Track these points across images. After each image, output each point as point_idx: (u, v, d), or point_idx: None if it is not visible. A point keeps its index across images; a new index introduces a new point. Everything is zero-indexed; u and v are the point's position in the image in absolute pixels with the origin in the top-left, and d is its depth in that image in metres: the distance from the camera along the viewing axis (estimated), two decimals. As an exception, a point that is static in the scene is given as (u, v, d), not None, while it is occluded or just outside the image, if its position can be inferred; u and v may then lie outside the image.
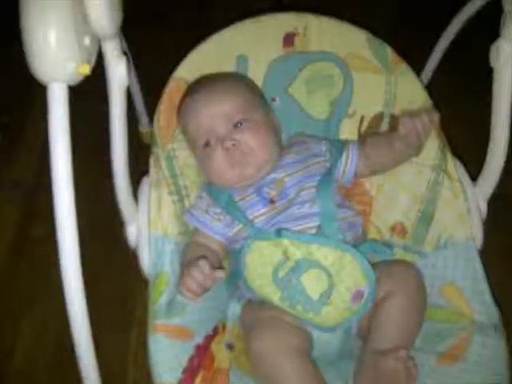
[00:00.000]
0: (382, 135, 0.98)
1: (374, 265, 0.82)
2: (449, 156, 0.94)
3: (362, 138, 1.00)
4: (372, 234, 0.99)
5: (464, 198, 0.91)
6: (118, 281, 1.18)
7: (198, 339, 0.80)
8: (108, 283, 1.17)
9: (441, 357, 0.80)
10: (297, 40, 1.00)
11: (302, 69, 1.01)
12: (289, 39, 1.00)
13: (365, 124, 1.02)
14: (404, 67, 0.98)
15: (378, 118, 1.00)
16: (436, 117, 0.85)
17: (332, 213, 0.85)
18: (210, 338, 0.82)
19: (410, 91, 0.97)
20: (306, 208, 0.86)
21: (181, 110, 0.94)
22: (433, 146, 0.94)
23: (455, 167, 0.93)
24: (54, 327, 1.11)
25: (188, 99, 0.93)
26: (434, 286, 0.87)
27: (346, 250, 0.80)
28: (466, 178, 0.94)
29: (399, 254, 0.95)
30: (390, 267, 0.86)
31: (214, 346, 0.82)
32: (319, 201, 0.86)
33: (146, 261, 0.87)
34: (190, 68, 0.97)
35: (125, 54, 0.76)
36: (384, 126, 1.00)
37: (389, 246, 0.95)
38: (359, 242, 0.87)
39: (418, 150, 0.90)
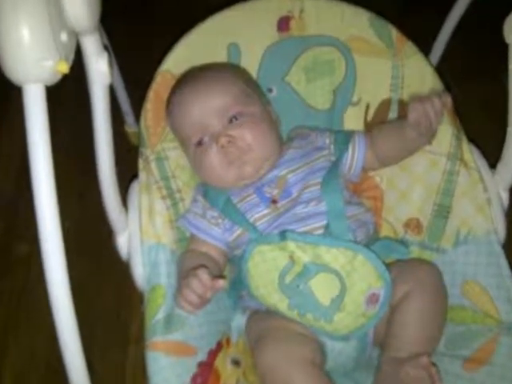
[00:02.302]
0: (391, 123, 0.98)
1: (388, 265, 0.82)
2: (464, 142, 0.94)
3: (369, 128, 1.00)
4: (385, 232, 0.99)
5: (483, 187, 0.91)
6: (111, 296, 1.19)
7: (201, 356, 0.80)
8: (99, 299, 1.17)
9: (466, 362, 0.81)
10: (292, 24, 1.00)
11: (300, 55, 1.01)
12: (284, 23, 1.00)
13: (371, 112, 1.02)
14: (411, 48, 0.98)
15: (385, 104, 1.00)
16: (448, 100, 0.85)
17: (340, 211, 0.85)
18: (213, 354, 0.82)
19: (418, 74, 0.97)
20: (312, 207, 0.86)
21: (169, 106, 0.94)
22: (446, 132, 0.94)
23: (472, 154, 0.93)
24: (43, 348, 1.11)
25: (176, 94, 0.93)
26: (455, 285, 0.87)
27: (357, 251, 0.80)
28: (484, 165, 0.94)
29: (415, 251, 0.95)
30: (407, 267, 0.86)
31: (218, 363, 0.82)
32: (325, 198, 0.86)
33: (139, 273, 0.87)
34: (177, 60, 0.97)
35: (106, 48, 0.76)
36: (392, 114, 1.00)
37: (404, 243, 0.95)
38: (371, 241, 0.87)
39: (430, 137, 0.90)
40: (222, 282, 0.78)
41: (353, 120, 1.02)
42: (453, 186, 0.93)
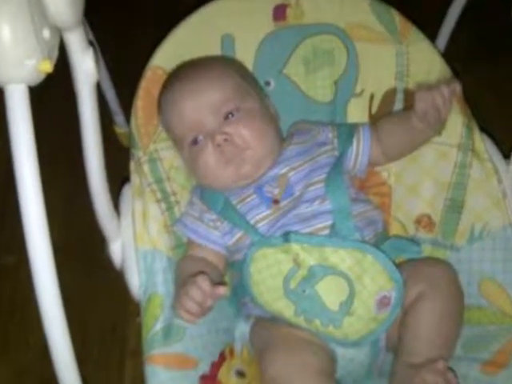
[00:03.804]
0: (397, 114, 0.98)
1: (399, 265, 0.82)
2: (476, 132, 0.94)
3: (374, 120, 1.00)
4: (395, 230, 0.99)
5: (497, 179, 0.91)
6: (105, 307, 1.18)
7: (203, 368, 0.80)
8: (93, 312, 1.17)
9: (485, 365, 0.81)
10: (289, 12, 1.00)
11: (298, 45, 1.01)
12: (279, 12, 1.00)
13: (375, 103, 1.02)
14: (416, 34, 0.98)
15: (391, 94, 1.00)
16: (457, 88, 0.85)
17: (346, 209, 0.85)
18: (216, 366, 0.82)
19: (424, 60, 0.97)
20: (316, 206, 0.86)
21: (161, 104, 0.94)
22: (456, 122, 0.94)
23: (484, 144, 0.93)
24: (35, 364, 1.11)
25: (168, 91, 0.93)
26: (471, 284, 0.87)
27: (365, 251, 0.80)
28: (497, 156, 0.94)
29: (428, 250, 0.95)
30: (419, 266, 0.86)
31: (221, 375, 0.82)
32: (330, 196, 0.86)
33: (134, 282, 0.86)
34: (168, 54, 0.97)
35: (91, 44, 0.76)
36: (398, 104, 1.00)
37: (415, 242, 0.94)
38: (380, 241, 0.87)
39: (439, 128, 0.90)
40: (223, 289, 0.78)
41: (357, 112, 1.02)
42: (465, 179, 0.92)
